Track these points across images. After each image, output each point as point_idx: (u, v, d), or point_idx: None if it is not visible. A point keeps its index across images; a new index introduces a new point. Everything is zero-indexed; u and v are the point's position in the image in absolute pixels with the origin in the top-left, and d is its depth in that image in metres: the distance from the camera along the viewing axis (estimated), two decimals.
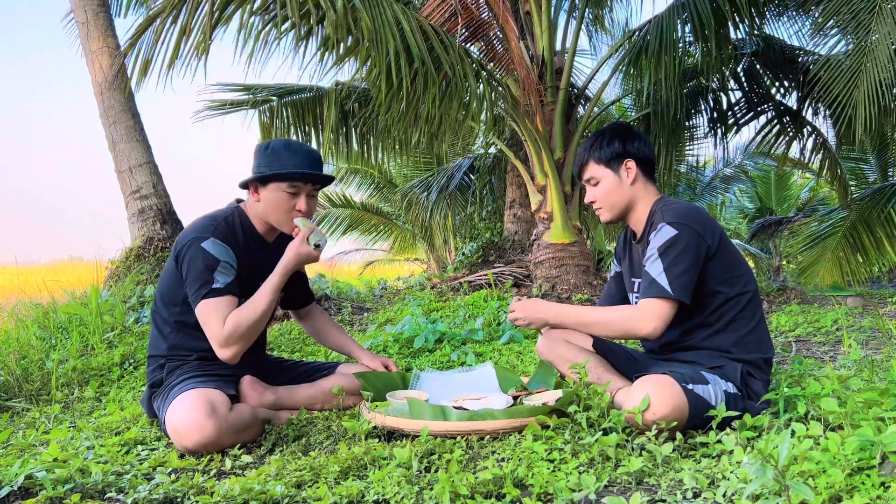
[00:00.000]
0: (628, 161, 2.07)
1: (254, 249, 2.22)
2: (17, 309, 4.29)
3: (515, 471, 1.57)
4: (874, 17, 4.20)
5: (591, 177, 2.12)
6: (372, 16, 3.87)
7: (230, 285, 2.07)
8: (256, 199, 2.18)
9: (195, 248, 2.06)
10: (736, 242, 13.57)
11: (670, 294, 1.87)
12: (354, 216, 12.61)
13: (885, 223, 5.73)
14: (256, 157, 2.18)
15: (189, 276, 2.07)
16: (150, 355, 2.25)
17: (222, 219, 2.17)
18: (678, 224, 1.91)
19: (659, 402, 1.73)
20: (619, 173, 2.08)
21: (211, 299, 2.04)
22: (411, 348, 3.58)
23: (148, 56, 4.17)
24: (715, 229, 1.96)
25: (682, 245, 1.89)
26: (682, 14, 5.09)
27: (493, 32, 4.96)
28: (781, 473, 1.15)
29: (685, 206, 2.00)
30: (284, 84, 5.83)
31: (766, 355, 1.99)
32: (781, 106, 6.22)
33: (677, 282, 1.87)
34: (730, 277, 1.97)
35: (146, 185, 6.04)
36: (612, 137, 2.10)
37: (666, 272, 1.88)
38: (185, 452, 1.94)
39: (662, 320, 1.88)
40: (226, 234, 2.13)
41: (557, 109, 5.39)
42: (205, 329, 2.06)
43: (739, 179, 12.61)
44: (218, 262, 2.06)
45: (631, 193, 2.09)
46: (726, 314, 1.96)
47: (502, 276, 5.69)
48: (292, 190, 2.15)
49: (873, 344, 3.32)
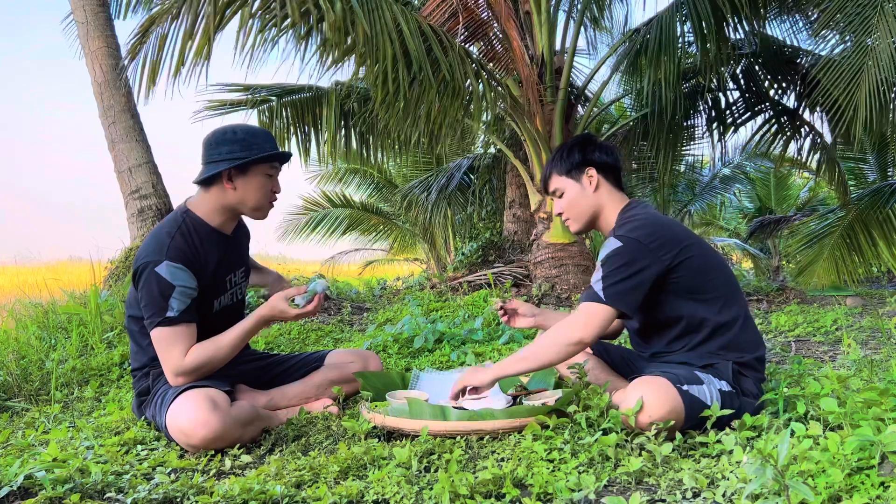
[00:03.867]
0: (590, 169, 2.11)
1: (216, 248, 2.19)
2: (17, 309, 4.29)
3: (515, 471, 1.57)
4: (876, 16, 4.21)
5: (556, 188, 2.16)
6: (370, 20, 3.86)
7: (186, 312, 2.04)
8: (232, 188, 2.12)
9: (149, 273, 2.02)
10: (735, 242, 13.60)
11: (601, 299, 1.89)
12: (354, 216, 12.59)
13: (882, 223, 5.72)
14: (223, 145, 2.10)
15: (143, 300, 2.05)
16: (134, 368, 2.24)
17: (176, 232, 2.09)
18: (624, 237, 1.94)
19: (655, 404, 1.73)
20: (582, 182, 2.11)
21: (166, 328, 2.02)
22: (411, 348, 3.58)
23: (154, 62, 4.10)
24: (674, 243, 1.94)
25: (624, 257, 1.91)
26: (682, 13, 5.09)
27: (492, 32, 4.96)
28: (781, 473, 1.15)
29: (643, 220, 1.99)
30: (284, 84, 5.83)
31: (756, 354, 1.99)
32: (779, 106, 6.23)
33: (612, 289, 1.89)
34: (701, 286, 1.96)
35: (146, 184, 6.04)
36: (572, 148, 2.14)
37: (602, 279, 1.91)
38: (192, 451, 1.93)
39: (595, 325, 1.89)
40: (182, 251, 2.06)
41: (557, 109, 5.39)
42: (160, 356, 2.05)
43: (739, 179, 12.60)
44: (173, 287, 2.01)
45: (595, 201, 2.11)
46: (707, 322, 1.96)
47: (502, 276, 5.70)
48: (272, 172, 2.16)
49: (873, 344, 3.32)
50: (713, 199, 12.87)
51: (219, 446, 1.92)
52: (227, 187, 2.12)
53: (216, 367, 2.11)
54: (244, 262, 2.37)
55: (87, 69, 6.17)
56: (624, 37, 5.82)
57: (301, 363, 2.47)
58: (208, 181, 2.13)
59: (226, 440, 1.93)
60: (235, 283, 2.31)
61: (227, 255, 2.22)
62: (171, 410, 1.98)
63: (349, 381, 2.38)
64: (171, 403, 1.99)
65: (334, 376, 2.38)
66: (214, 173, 2.09)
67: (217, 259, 2.18)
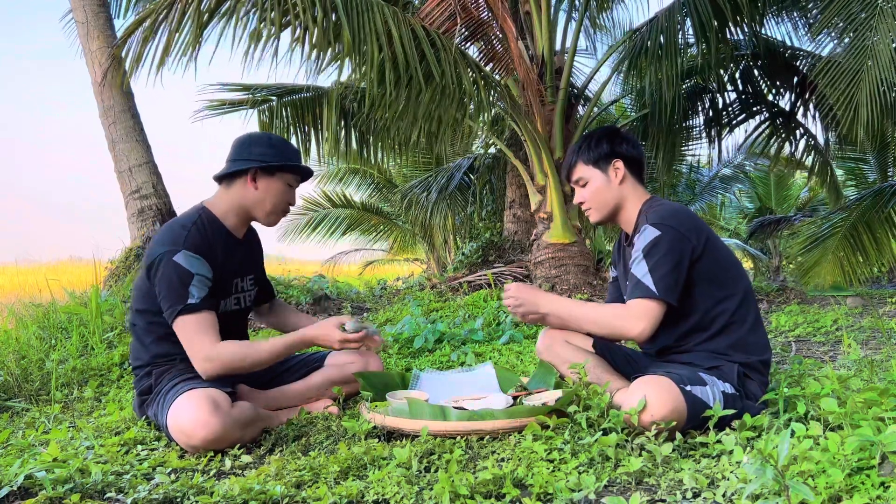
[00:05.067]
0: (616, 161, 2.09)
1: (225, 248, 2.20)
2: (17, 309, 4.29)
3: (515, 471, 1.57)
4: (875, 16, 4.21)
5: (580, 177, 2.14)
6: (358, 24, 3.87)
7: (206, 300, 2.06)
8: (254, 188, 2.18)
9: (167, 261, 2.03)
10: (735, 242, 13.59)
11: (655, 294, 1.87)
12: (354, 216, 12.60)
13: (884, 223, 5.72)
14: (256, 147, 2.19)
15: (163, 290, 2.05)
16: (135, 367, 2.23)
17: (192, 225, 2.12)
18: (661, 225, 1.92)
19: (657, 404, 1.73)
20: (608, 173, 2.10)
21: (188, 316, 2.03)
22: (411, 348, 3.58)
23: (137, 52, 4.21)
24: (701, 230, 1.96)
25: (666, 246, 1.89)
26: (683, 13, 5.09)
27: (492, 32, 4.96)
28: (781, 473, 1.15)
29: (670, 207, 2.00)
30: (284, 84, 5.82)
31: (762, 357, 1.98)
32: (775, 107, 6.24)
33: (662, 282, 1.87)
34: (721, 279, 1.96)
35: (146, 185, 6.04)
36: (600, 139, 2.12)
37: (651, 273, 1.89)
38: (193, 451, 1.94)
39: (650, 321, 1.88)
40: (198, 242, 2.09)
41: (557, 109, 5.38)
42: (186, 344, 2.05)
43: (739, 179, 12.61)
44: (192, 275, 2.03)
45: (619, 193, 2.10)
46: (720, 317, 1.96)
47: (502, 276, 5.69)
48: (294, 183, 2.24)
49: (873, 344, 3.32)
50: (713, 199, 12.87)
51: (219, 447, 1.93)
52: (250, 186, 2.18)
53: (245, 370, 2.12)
54: (254, 271, 2.39)
55: (88, 69, 6.17)
56: (624, 37, 5.82)
57: (301, 363, 2.47)
58: (232, 177, 2.19)
59: (226, 441, 1.93)
60: (242, 290, 2.32)
61: (235, 257, 2.24)
62: (173, 410, 1.97)
63: (349, 382, 2.38)
64: (173, 403, 1.99)
65: (335, 376, 2.38)
66: (240, 169, 2.16)
67: (225, 259, 2.20)
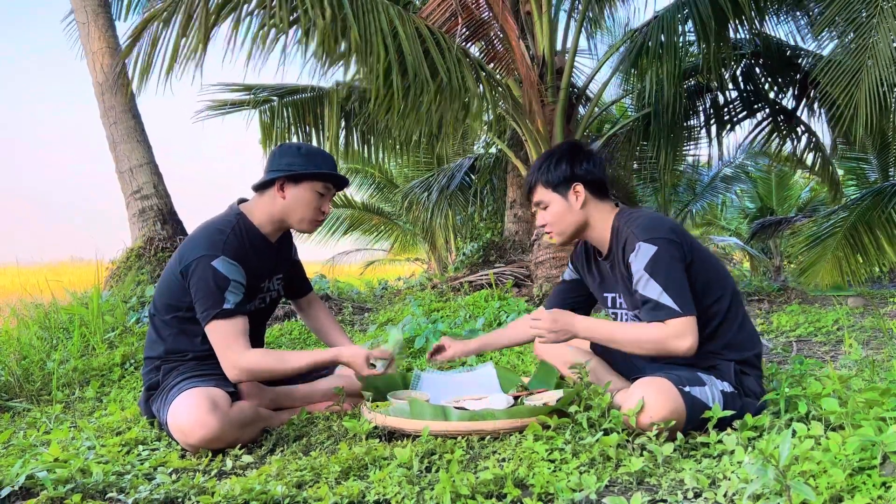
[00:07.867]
0: (576, 185, 2.03)
1: (259, 253, 2.24)
2: (18, 309, 4.29)
3: (516, 471, 1.57)
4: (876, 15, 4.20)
5: (541, 201, 2.08)
6: (364, 23, 3.87)
7: (240, 305, 2.09)
8: (282, 197, 2.20)
9: (205, 266, 2.06)
10: (735, 242, 13.59)
11: (681, 312, 1.83)
12: (355, 216, 12.61)
13: (885, 224, 5.71)
14: (285, 157, 2.22)
15: (199, 293, 2.07)
16: (147, 357, 2.25)
17: (230, 231, 2.15)
18: (654, 239, 1.88)
19: (656, 405, 1.72)
20: (568, 198, 2.04)
21: (223, 320, 2.05)
22: (412, 348, 3.57)
23: (146, 61, 4.14)
24: (683, 233, 1.95)
25: (667, 258, 1.87)
26: (683, 13, 5.09)
27: (493, 32, 4.97)
28: (782, 473, 1.15)
29: (650, 217, 1.97)
30: (285, 84, 5.83)
31: (755, 350, 1.99)
32: (776, 106, 6.23)
33: (681, 298, 1.84)
34: (712, 280, 1.96)
35: (147, 185, 6.05)
36: (560, 159, 2.05)
37: (666, 291, 1.84)
38: (190, 450, 1.94)
39: (693, 334, 1.84)
40: (236, 249, 2.12)
41: (558, 109, 5.38)
42: (217, 347, 2.07)
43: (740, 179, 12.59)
44: (229, 281, 2.06)
45: (581, 216, 2.04)
46: (715, 318, 1.95)
47: (503, 276, 5.69)
48: (323, 191, 2.24)
49: (874, 344, 3.31)
50: (714, 199, 12.86)
51: (216, 447, 1.93)
52: (278, 195, 2.21)
53: (272, 378, 2.16)
54: (282, 269, 2.41)
55: (88, 70, 6.18)
56: (625, 36, 5.82)
57: None
58: (264, 187, 2.23)
59: (224, 441, 1.94)
60: (268, 290, 2.36)
61: (267, 261, 2.28)
62: (172, 408, 1.98)
63: (355, 395, 2.37)
64: (174, 401, 2.00)
65: (341, 386, 2.37)
66: (270, 179, 2.20)
67: (258, 264, 2.23)
